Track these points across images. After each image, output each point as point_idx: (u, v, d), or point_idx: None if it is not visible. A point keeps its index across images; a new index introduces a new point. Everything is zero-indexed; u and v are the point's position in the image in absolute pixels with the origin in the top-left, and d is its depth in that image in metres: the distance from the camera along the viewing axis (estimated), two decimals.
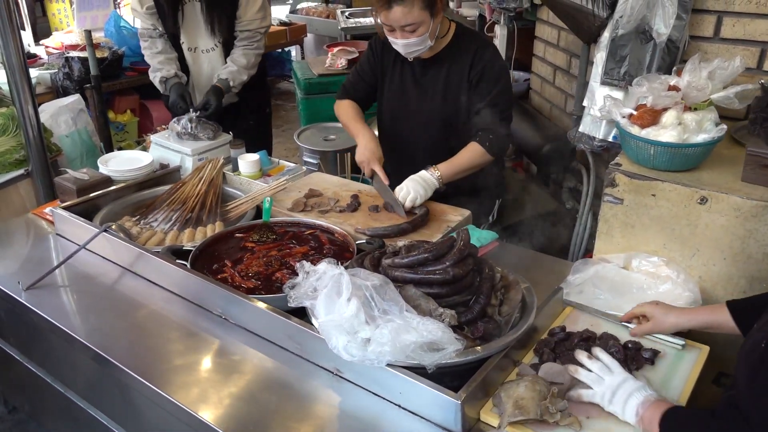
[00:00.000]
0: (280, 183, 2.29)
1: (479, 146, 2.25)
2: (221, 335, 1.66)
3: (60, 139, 3.27)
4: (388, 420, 1.37)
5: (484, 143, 2.24)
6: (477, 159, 2.26)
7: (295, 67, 4.76)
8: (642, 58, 2.24)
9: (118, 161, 2.53)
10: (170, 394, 1.47)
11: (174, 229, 2.10)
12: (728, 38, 2.25)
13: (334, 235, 1.97)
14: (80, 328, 1.72)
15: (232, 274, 1.77)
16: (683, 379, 1.47)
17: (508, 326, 1.49)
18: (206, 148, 2.55)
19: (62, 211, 2.09)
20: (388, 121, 2.49)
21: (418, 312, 1.38)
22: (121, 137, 5.11)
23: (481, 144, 2.24)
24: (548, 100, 3.48)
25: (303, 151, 3.53)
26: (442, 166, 2.22)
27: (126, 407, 1.72)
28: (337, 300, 1.36)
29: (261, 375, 1.53)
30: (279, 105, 7.26)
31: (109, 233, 1.95)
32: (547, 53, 3.45)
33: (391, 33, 2.18)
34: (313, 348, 1.51)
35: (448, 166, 2.23)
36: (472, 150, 2.26)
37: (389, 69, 2.41)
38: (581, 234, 2.79)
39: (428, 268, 1.50)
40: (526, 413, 1.26)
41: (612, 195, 1.86)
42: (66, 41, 5.08)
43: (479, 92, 2.26)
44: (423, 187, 2.15)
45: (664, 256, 1.82)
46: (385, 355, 1.29)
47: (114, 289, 1.89)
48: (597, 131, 2.44)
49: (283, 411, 1.42)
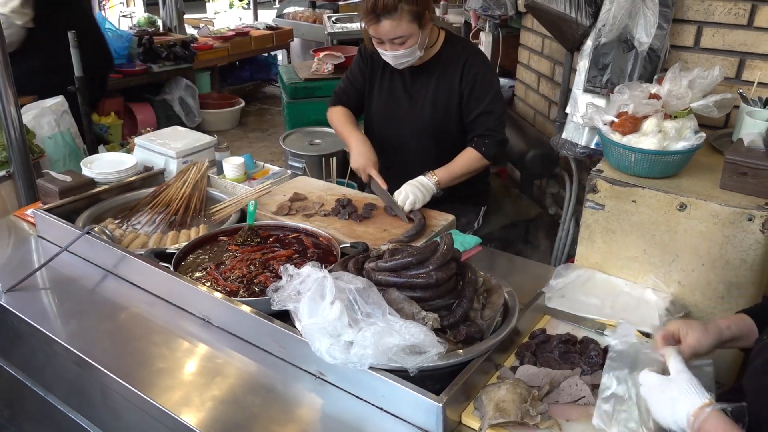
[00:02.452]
0: (264, 186, 2.30)
1: (475, 151, 2.27)
2: (204, 338, 1.66)
3: (43, 141, 3.25)
4: (371, 423, 1.38)
5: (480, 148, 2.27)
6: (474, 164, 2.29)
7: (281, 71, 4.77)
8: (624, 66, 2.28)
9: (101, 163, 2.51)
10: (153, 397, 1.46)
11: (157, 232, 2.09)
12: (708, 48, 2.29)
13: (319, 239, 1.98)
14: (61, 331, 1.71)
15: (215, 276, 1.77)
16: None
17: (490, 330, 1.50)
18: (191, 150, 2.55)
19: (44, 213, 2.07)
20: (377, 128, 2.51)
21: (401, 315, 1.39)
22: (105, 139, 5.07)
23: (477, 149, 2.27)
24: (532, 107, 3.51)
25: (288, 155, 3.54)
26: (439, 171, 2.24)
27: (108, 411, 1.70)
28: (321, 303, 1.36)
29: (244, 378, 1.53)
30: (264, 109, 7.26)
31: (91, 235, 1.94)
32: (532, 60, 3.48)
33: (381, 45, 2.20)
34: (297, 351, 1.51)
35: (445, 171, 2.25)
36: (469, 155, 2.28)
37: (378, 75, 2.43)
38: (564, 239, 2.82)
39: (412, 271, 1.51)
40: (506, 416, 1.27)
41: (593, 201, 1.88)
42: None
43: (473, 101, 2.28)
44: (421, 192, 2.17)
45: (645, 262, 1.85)
46: (368, 358, 1.30)
47: (96, 291, 1.87)
48: (580, 138, 2.47)
49: (266, 414, 1.42)
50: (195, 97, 6.06)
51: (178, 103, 5.93)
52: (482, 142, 2.27)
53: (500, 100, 2.32)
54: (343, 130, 2.44)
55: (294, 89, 4.34)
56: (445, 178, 2.24)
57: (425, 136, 2.39)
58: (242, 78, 7.49)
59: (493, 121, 2.28)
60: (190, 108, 6.02)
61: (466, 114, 2.30)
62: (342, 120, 2.47)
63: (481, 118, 2.28)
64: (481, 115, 2.27)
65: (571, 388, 1.39)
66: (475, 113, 2.28)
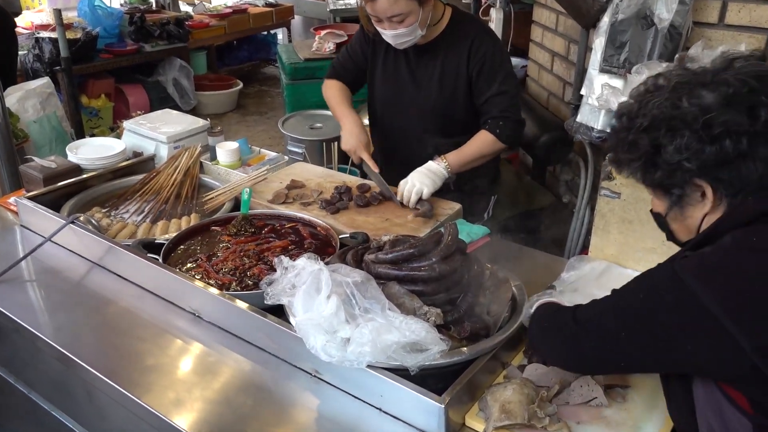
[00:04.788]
0: (260, 173, 2.28)
1: (489, 134, 2.24)
2: (194, 334, 1.66)
3: (27, 125, 3.25)
4: (369, 424, 1.37)
5: (494, 130, 2.24)
6: (488, 147, 2.26)
7: (280, 50, 4.76)
8: (643, 44, 2.25)
9: (88, 149, 2.51)
10: (140, 396, 1.46)
11: (146, 222, 2.09)
12: (733, 24, 2.25)
13: (317, 229, 1.97)
14: (45, 326, 1.71)
15: (206, 269, 1.77)
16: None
17: (496, 326, 1.49)
18: (182, 135, 2.54)
19: (27, 202, 2.07)
20: (380, 110, 2.49)
21: (402, 310, 1.38)
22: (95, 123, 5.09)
23: (491, 131, 2.24)
24: (545, 88, 3.48)
25: (287, 139, 3.53)
26: (450, 155, 2.22)
27: (93, 410, 1.71)
28: (316, 297, 1.35)
29: (236, 376, 1.53)
30: (264, 91, 7.24)
31: (76, 225, 1.93)
32: (545, 39, 3.45)
33: (379, 24, 2.17)
34: (291, 348, 1.50)
35: (457, 155, 2.23)
36: (482, 138, 2.26)
37: (381, 55, 2.40)
38: (578, 230, 2.80)
39: (413, 264, 1.50)
40: (513, 418, 1.26)
41: (609, 189, 1.86)
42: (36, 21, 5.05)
43: (483, 83, 2.25)
44: (430, 179, 2.14)
45: (664, 254, 1.82)
46: (366, 355, 1.29)
47: (82, 284, 1.87)
48: (595, 121, 2.44)
49: (259, 415, 1.41)
50: (190, 78, 6.04)
51: (172, 84, 5.92)
52: (497, 123, 2.24)
53: (513, 80, 2.29)
54: (337, 107, 2.43)
55: (294, 70, 4.32)
56: (456, 162, 2.22)
57: (431, 121, 2.37)
58: (240, 58, 7.47)
59: (507, 102, 2.25)
60: (185, 90, 6.01)
61: (477, 96, 2.28)
62: (337, 98, 2.45)
63: (493, 100, 2.25)
64: (494, 96, 2.24)
65: (582, 389, 1.38)
66: (487, 95, 2.25)
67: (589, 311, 1.25)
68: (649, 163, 1.18)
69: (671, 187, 1.19)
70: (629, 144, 1.21)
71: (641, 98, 1.20)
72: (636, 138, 1.19)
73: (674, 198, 1.20)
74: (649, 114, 1.16)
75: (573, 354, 1.28)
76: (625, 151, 1.23)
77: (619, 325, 1.17)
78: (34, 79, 3.95)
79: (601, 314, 1.22)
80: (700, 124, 1.09)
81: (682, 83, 1.15)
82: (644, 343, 1.14)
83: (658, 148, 1.15)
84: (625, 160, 1.25)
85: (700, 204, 1.18)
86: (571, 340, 1.26)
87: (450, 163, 2.20)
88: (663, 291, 1.11)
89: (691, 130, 1.10)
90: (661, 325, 1.11)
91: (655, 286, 1.14)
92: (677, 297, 1.08)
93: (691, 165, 1.12)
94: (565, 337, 1.27)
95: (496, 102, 2.25)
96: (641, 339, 1.14)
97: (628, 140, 1.21)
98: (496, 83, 2.24)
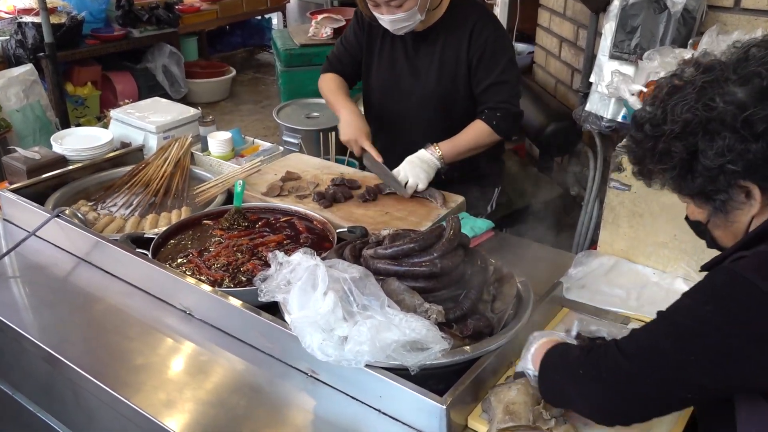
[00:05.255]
0: (254, 164, 2.29)
1: (485, 125, 2.25)
2: (185, 332, 1.66)
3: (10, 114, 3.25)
4: (367, 426, 1.38)
5: (490, 122, 2.24)
6: (483, 138, 2.27)
7: (275, 36, 4.75)
8: (655, 29, 2.24)
9: (73, 139, 2.51)
10: (129, 397, 1.46)
11: (135, 215, 2.09)
12: (750, 8, 2.25)
13: (313, 223, 1.97)
14: (30, 325, 1.71)
15: (198, 264, 1.77)
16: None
17: (500, 324, 1.50)
18: (172, 125, 2.54)
19: (10, 194, 2.08)
20: (377, 99, 2.49)
21: (402, 308, 1.39)
22: (81, 112, 5.08)
23: (488, 122, 2.24)
24: (553, 76, 3.48)
25: (282, 129, 3.53)
26: (444, 144, 2.22)
27: (81, 412, 1.71)
28: (312, 294, 1.36)
29: (228, 376, 1.53)
30: (258, 78, 7.23)
31: (61, 219, 1.94)
32: (553, 23, 3.44)
33: (376, 8, 2.17)
34: (286, 347, 1.51)
35: (450, 144, 2.23)
36: (478, 128, 2.26)
37: (377, 42, 2.40)
38: (587, 223, 2.81)
39: (414, 259, 1.50)
40: (517, 419, 1.27)
41: (618, 181, 1.86)
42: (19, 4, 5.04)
43: (483, 70, 2.25)
44: (423, 170, 2.15)
45: (675, 248, 1.83)
46: (364, 354, 1.29)
47: (68, 280, 1.88)
48: (605, 110, 2.44)
49: (253, 416, 1.42)
50: (180, 65, 6.03)
51: (162, 72, 5.91)
52: (493, 114, 2.24)
53: (514, 69, 2.29)
54: (334, 99, 2.43)
55: (289, 56, 4.32)
56: (449, 151, 2.22)
57: (430, 109, 2.37)
58: (233, 44, 7.46)
59: (506, 93, 2.25)
60: (175, 77, 6.00)
61: (476, 84, 2.28)
62: (333, 89, 2.45)
63: (492, 89, 2.25)
64: (493, 86, 2.25)
65: None
66: (486, 84, 2.25)
67: (637, 341, 1.16)
68: (686, 170, 1.15)
69: (714, 193, 1.15)
70: (660, 153, 1.17)
71: (663, 103, 1.17)
72: (668, 146, 1.15)
73: (718, 204, 1.17)
74: (680, 119, 1.13)
75: (627, 398, 1.16)
76: (656, 162, 1.19)
77: (680, 347, 1.10)
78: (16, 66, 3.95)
79: (657, 341, 1.14)
80: (739, 123, 1.07)
81: (710, 81, 1.12)
82: (716, 362, 1.08)
83: (695, 153, 1.12)
84: (657, 171, 1.21)
85: (746, 206, 1.15)
86: (625, 383, 1.15)
87: (443, 152, 2.21)
88: (728, 296, 1.07)
89: (732, 131, 1.08)
90: (737, 332, 1.06)
91: (717, 294, 1.09)
92: (746, 298, 1.04)
93: (735, 167, 1.09)
94: (616, 380, 1.16)
95: (495, 91, 2.26)
96: (711, 357, 1.08)
97: (659, 149, 1.17)
98: (496, 72, 2.24)
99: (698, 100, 1.11)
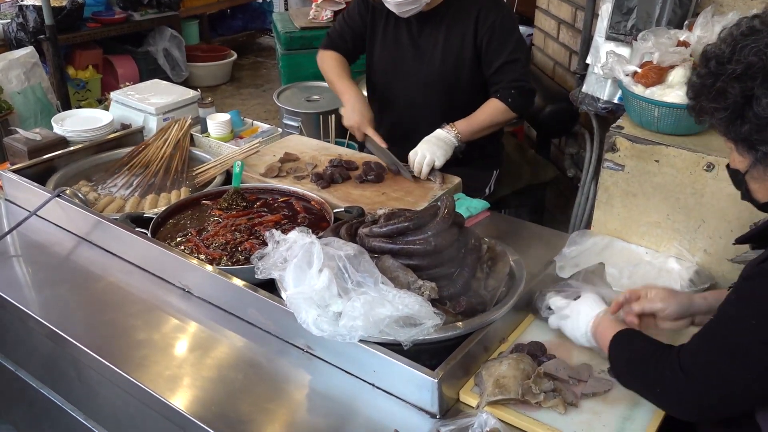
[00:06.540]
0: (252, 146, 2.30)
1: (501, 102, 2.26)
2: (185, 309, 1.69)
3: (11, 96, 3.26)
4: (362, 400, 1.41)
5: (505, 99, 2.26)
6: (499, 116, 2.28)
7: (275, 19, 4.73)
8: (651, 10, 2.23)
9: (74, 120, 2.52)
10: (129, 373, 1.49)
11: (135, 195, 2.11)
12: None
13: (311, 203, 1.99)
14: (32, 303, 1.74)
15: (196, 243, 1.79)
16: None
17: (493, 301, 1.52)
18: (172, 106, 2.55)
19: (12, 175, 2.09)
20: (380, 81, 2.49)
21: (396, 285, 1.40)
22: (83, 96, 5.08)
23: (503, 100, 2.26)
24: (551, 58, 3.47)
25: (283, 112, 3.53)
26: (460, 123, 2.24)
27: (83, 388, 1.74)
28: (308, 271, 1.38)
29: (226, 352, 1.56)
30: (259, 62, 7.21)
31: (62, 199, 1.95)
32: (551, 5, 3.43)
33: None
34: (283, 324, 1.53)
35: (467, 123, 2.25)
36: (494, 106, 2.28)
37: (382, 23, 2.39)
38: (583, 205, 2.81)
39: (408, 237, 1.52)
40: (506, 392, 1.29)
41: (612, 161, 1.87)
42: None
43: (493, 52, 2.26)
44: (441, 148, 2.16)
45: (668, 228, 1.84)
46: (358, 330, 1.31)
47: (69, 259, 1.90)
48: (601, 91, 2.44)
49: (251, 391, 1.45)
50: (181, 48, 6.01)
51: (163, 55, 5.89)
52: (508, 92, 2.25)
53: (523, 47, 2.31)
54: (337, 81, 2.42)
55: (289, 39, 4.30)
56: (466, 130, 2.23)
57: (434, 92, 2.38)
58: (234, 27, 7.42)
59: (518, 71, 2.27)
60: (176, 61, 5.98)
61: (487, 66, 2.29)
62: (336, 70, 2.44)
63: (504, 69, 2.26)
64: (504, 65, 2.26)
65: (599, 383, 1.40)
66: (497, 64, 2.26)
67: (694, 355, 1.19)
68: (737, 114, 1.13)
69: (759, 143, 1.13)
70: (716, 92, 1.14)
71: (735, 42, 1.13)
72: (725, 86, 1.12)
73: (759, 155, 1.15)
74: (744, 60, 1.10)
75: (693, 413, 1.23)
76: (710, 100, 1.16)
77: (739, 365, 1.12)
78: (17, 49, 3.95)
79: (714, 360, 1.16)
80: None
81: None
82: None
83: (750, 99, 1.10)
84: (709, 110, 1.18)
85: None
86: (689, 401, 1.20)
87: (460, 131, 2.21)
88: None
89: None
90: None
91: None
92: None
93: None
94: (679, 399, 1.21)
95: (507, 70, 2.27)
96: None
97: (716, 87, 1.14)
98: (506, 51, 2.25)
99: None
